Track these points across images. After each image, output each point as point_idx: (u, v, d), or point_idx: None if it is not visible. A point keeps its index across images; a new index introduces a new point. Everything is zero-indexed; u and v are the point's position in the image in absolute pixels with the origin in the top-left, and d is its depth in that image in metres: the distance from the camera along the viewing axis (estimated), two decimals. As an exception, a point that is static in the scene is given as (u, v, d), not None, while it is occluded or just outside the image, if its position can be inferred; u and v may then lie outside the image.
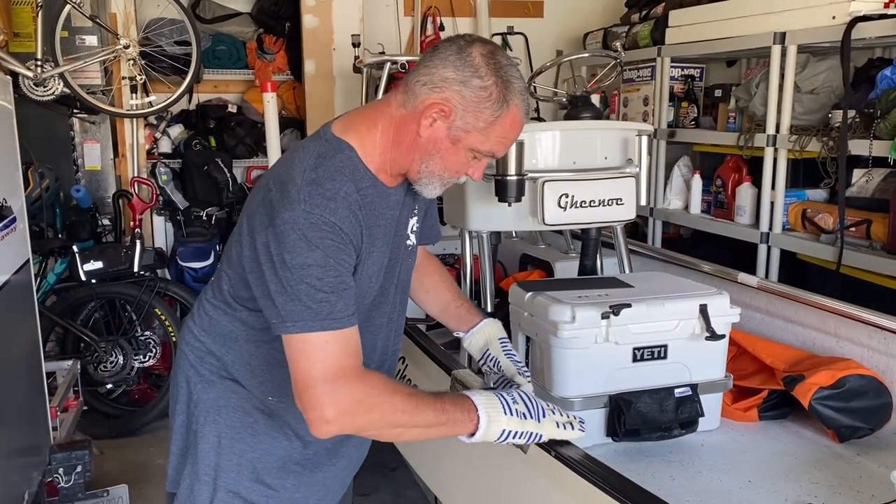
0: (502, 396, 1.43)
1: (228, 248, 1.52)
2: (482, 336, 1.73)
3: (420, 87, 1.37)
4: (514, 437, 1.42)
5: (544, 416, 1.45)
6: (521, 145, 2.13)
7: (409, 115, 1.39)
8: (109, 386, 3.74)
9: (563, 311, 1.83)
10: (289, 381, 1.37)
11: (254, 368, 1.51)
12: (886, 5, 2.89)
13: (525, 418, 1.42)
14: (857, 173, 3.06)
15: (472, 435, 1.39)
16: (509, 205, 2.18)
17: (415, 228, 1.60)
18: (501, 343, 1.71)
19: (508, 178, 2.12)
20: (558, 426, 1.47)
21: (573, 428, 1.49)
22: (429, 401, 1.36)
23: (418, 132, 1.38)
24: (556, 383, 1.87)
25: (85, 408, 3.14)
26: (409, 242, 1.59)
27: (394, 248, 1.52)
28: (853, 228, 2.96)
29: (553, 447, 1.48)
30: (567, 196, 2.21)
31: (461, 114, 1.36)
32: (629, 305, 1.84)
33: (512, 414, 1.41)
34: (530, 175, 2.18)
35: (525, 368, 1.68)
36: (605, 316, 1.83)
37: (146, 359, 3.76)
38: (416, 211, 1.59)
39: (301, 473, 1.55)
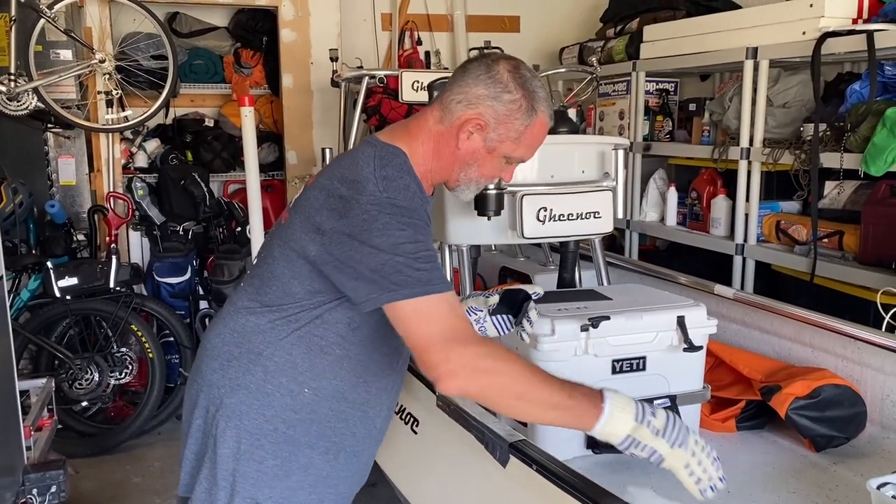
0: (643, 405, 1.41)
1: (270, 252, 1.57)
2: None
3: (456, 105, 1.53)
4: (635, 448, 1.40)
5: (681, 445, 1.40)
6: (499, 159, 2.15)
7: (446, 131, 1.54)
8: (84, 404, 3.69)
9: (543, 323, 1.84)
10: (325, 370, 1.48)
11: (294, 360, 1.53)
12: (854, 21, 2.96)
13: (657, 435, 1.39)
14: (829, 185, 3.11)
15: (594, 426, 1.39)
16: (489, 218, 2.19)
17: None
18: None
19: (488, 191, 2.13)
20: (687, 467, 1.41)
21: (702, 483, 1.42)
22: (558, 381, 1.38)
23: (457, 145, 1.54)
24: (536, 396, 1.87)
25: (59, 426, 3.09)
26: None
27: None
28: (826, 240, 3.01)
29: (534, 462, 1.48)
30: (546, 210, 2.23)
31: (494, 126, 1.52)
32: (608, 318, 1.85)
33: (642, 424, 1.38)
34: (509, 189, 2.19)
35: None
36: (584, 328, 1.84)
37: (122, 376, 3.71)
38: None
39: (319, 477, 1.57)
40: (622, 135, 4.12)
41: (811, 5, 2.99)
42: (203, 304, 4.10)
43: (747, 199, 3.35)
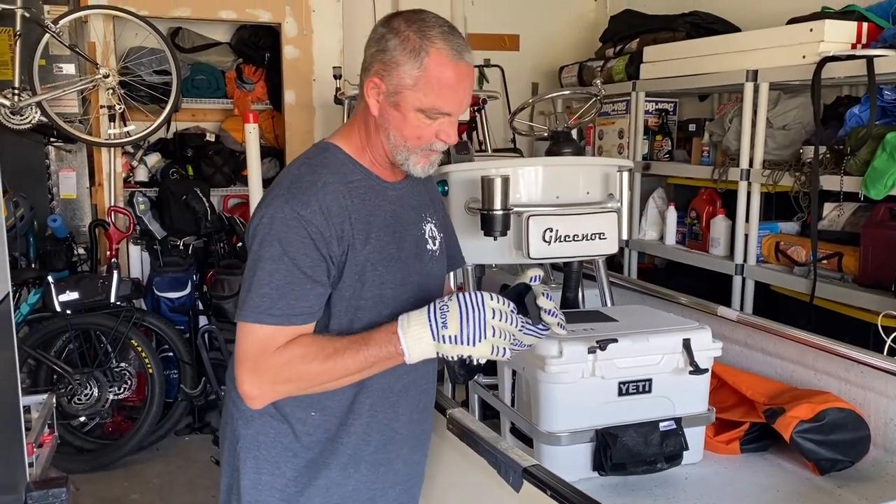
0: (434, 318, 1.37)
1: None
2: None
3: (362, 76, 1.47)
4: (446, 355, 1.40)
5: (481, 339, 1.37)
6: (506, 180, 2.16)
7: (364, 105, 1.48)
8: (83, 419, 3.68)
9: (550, 345, 1.84)
10: (328, 392, 1.45)
11: None
12: (853, 46, 3.00)
13: (455, 343, 1.37)
14: (829, 207, 3.14)
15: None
16: (495, 239, 2.19)
17: (434, 235, 1.62)
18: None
19: (494, 212, 2.14)
20: (493, 350, 1.38)
21: (507, 353, 1.40)
22: (350, 353, 1.38)
23: (372, 114, 1.45)
24: (543, 418, 1.88)
25: (58, 441, 3.08)
26: (430, 247, 1.60)
27: (405, 244, 1.53)
28: (825, 261, 3.04)
29: (548, 487, 1.48)
30: (552, 230, 2.24)
31: (388, 79, 1.41)
32: (615, 340, 1.86)
33: (441, 342, 1.37)
34: (515, 209, 2.21)
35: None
36: (591, 350, 1.85)
37: (121, 391, 3.70)
38: (427, 217, 1.61)
39: (344, 495, 1.55)
40: (622, 154, 4.15)
41: (811, 30, 3.03)
42: (203, 320, 4.09)
43: (747, 220, 3.38)
